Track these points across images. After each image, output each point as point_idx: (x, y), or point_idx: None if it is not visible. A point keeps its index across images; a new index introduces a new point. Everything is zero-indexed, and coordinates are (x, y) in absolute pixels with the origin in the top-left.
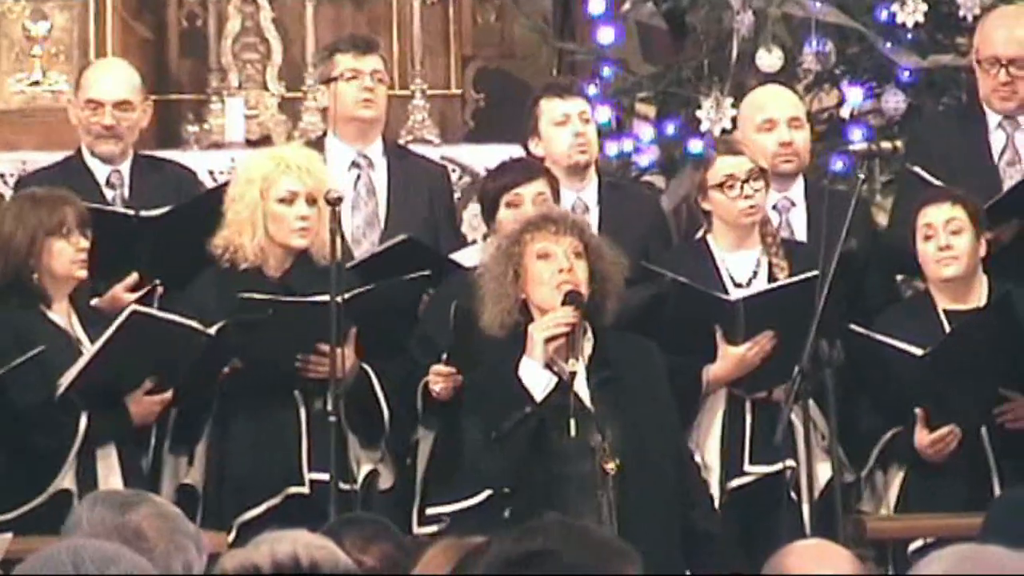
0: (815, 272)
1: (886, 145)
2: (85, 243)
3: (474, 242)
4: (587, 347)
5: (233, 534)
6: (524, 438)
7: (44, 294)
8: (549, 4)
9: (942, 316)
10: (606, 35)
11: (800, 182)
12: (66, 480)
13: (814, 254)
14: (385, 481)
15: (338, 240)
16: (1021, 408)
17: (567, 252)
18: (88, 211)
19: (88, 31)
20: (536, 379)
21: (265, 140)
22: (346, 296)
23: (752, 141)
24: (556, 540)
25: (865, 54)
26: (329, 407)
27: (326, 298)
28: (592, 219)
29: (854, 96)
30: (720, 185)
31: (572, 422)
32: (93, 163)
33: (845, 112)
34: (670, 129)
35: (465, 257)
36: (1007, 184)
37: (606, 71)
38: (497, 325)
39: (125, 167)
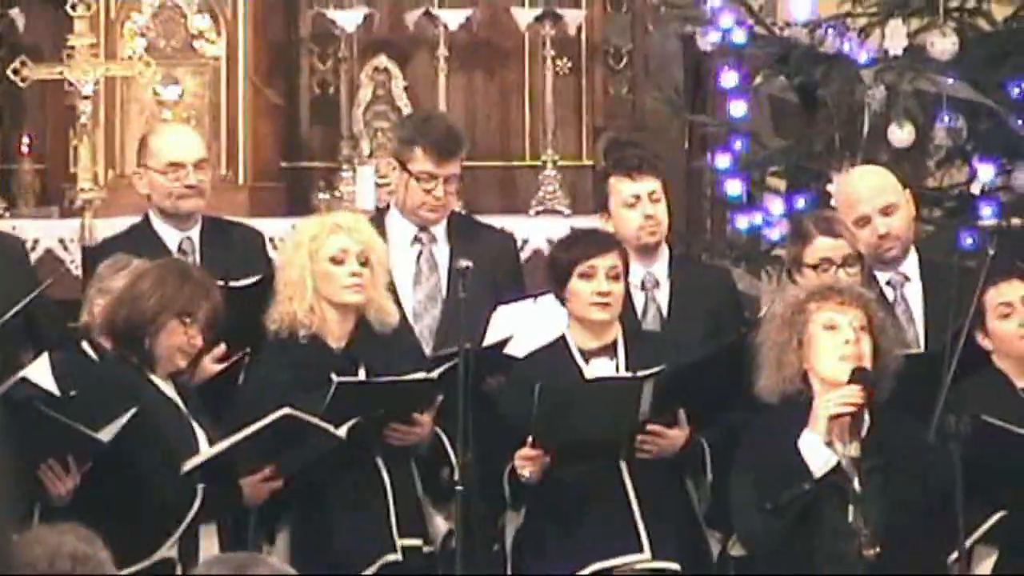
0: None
1: (1016, 222)
2: (200, 341)
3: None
4: (863, 426)
5: None
6: (796, 512)
7: (150, 359)
8: (681, 76)
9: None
10: (738, 108)
11: (913, 256)
12: (171, 549)
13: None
14: (454, 541)
15: (462, 310)
16: None
17: (853, 324)
18: (222, 313)
19: (220, 96)
20: (816, 455)
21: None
22: (440, 370)
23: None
24: None
25: (996, 130)
26: (456, 476)
27: (426, 375)
28: (663, 294)
29: (984, 172)
30: (815, 267)
31: (851, 508)
32: (163, 230)
33: (975, 188)
34: (800, 203)
35: (544, 304)
36: None
37: (737, 144)
38: (773, 392)
39: (195, 233)
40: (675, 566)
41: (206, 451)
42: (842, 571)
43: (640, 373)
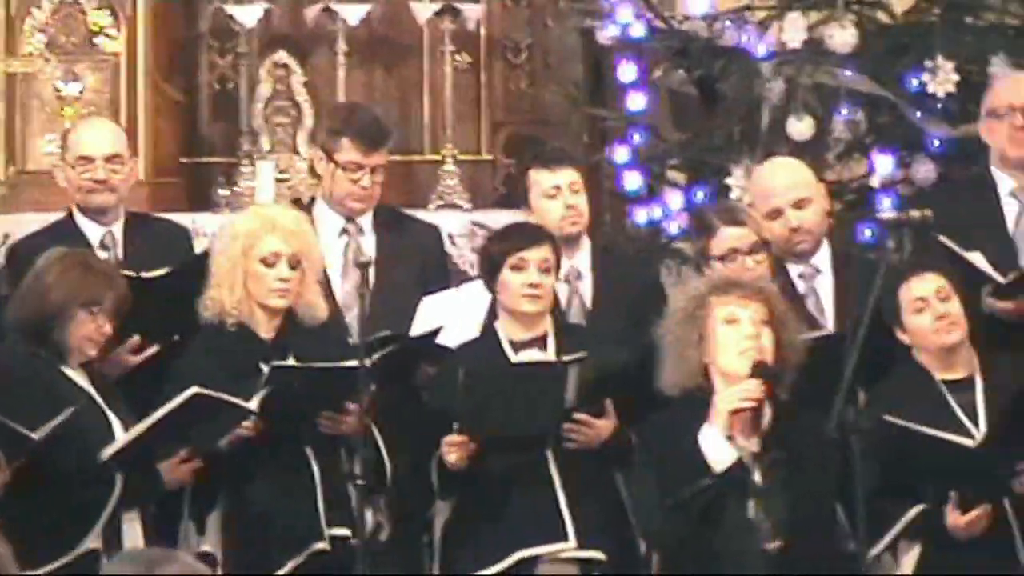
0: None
1: (915, 214)
2: (108, 329)
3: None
4: (764, 420)
5: None
6: (699, 508)
7: (61, 352)
8: (580, 71)
9: (943, 388)
10: (637, 102)
11: (825, 249)
12: (94, 540)
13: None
14: (384, 534)
15: (366, 303)
16: None
17: (754, 318)
18: (128, 299)
19: (119, 92)
20: (717, 451)
21: (296, 203)
22: (374, 359)
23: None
24: None
25: (895, 123)
26: (357, 470)
27: (355, 363)
28: (586, 286)
29: (884, 165)
30: (722, 258)
31: (752, 503)
32: (85, 225)
33: (875, 181)
34: (700, 196)
35: (468, 293)
36: (1022, 255)
37: (636, 138)
38: (675, 386)
39: (118, 228)
40: (600, 556)
41: (121, 438)
42: (745, 566)
43: (564, 358)
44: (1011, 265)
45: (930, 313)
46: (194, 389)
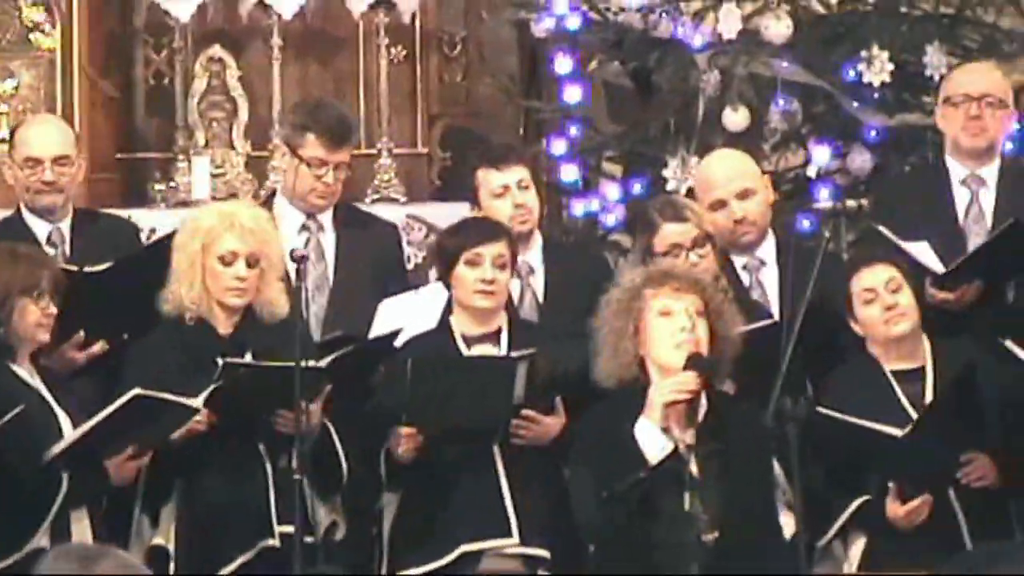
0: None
1: (852, 204)
2: (53, 309)
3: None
4: (700, 412)
5: None
6: (634, 500)
7: (9, 348)
8: (516, 63)
9: (891, 378)
10: (572, 94)
11: (770, 240)
12: (42, 539)
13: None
14: (341, 533)
15: (303, 297)
16: (981, 467)
17: (688, 310)
18: (63, 276)
19: (55, 89)
20: (652, 443)
21: (232, 199)
22: (329, 359)
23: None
24: None
25: (831, 113)
26: (294, 464)
27: (309, 363)
28: (538, 281)
29: (820, 155)
30: (665, 254)
31: (688, 495)
32: (33, 222)
33: (811, 171)
34: (637, 188)
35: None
36: (972, 242)
37: (572, 130)
38: (611, 378)
39: (65, 225)
40: (544, 553)
41: (65, 438)
42: (682, 558)
43: (514, 354)
44: (961, 254)
45: (879, 304)
46: (136, 391)
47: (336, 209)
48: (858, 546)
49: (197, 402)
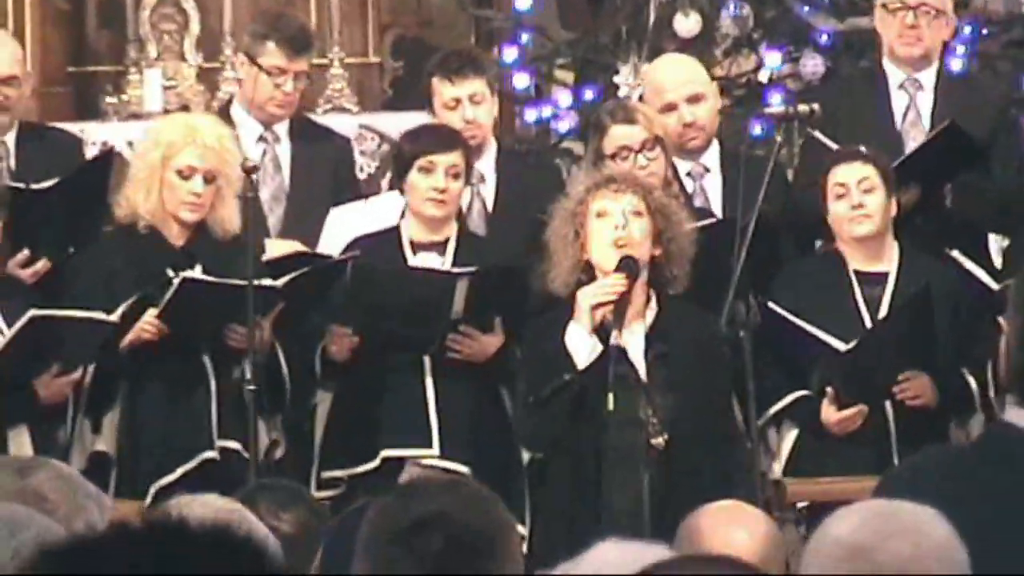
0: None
1: (804, 108)
2: None
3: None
4: (649, 316)
5: (149, 500)
6: (565, 405)
7: None
8: None
9: (853, 278)
10: (524, 2)
11: (715, 148)
12: None
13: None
14: (280, 451)
15: (255, 208)
16: (919, 386)
17: (624, 211)
18: (7, 192)
19: (6, 3)
20: (580, 346)
21: (184, 111)
22: (284, 280)
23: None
24: (441, 500)
25: (783, 18)
26: (248, 376)
27: (263, 282)
28: (489, 189)
29: (772, 60)
30: (613, 156)
31: (611, 396)
32: None
33: (763, 76)
34: (588, 95)
35: (378, 204)
36: (909, 146)
37: (524, 38)
38: (563, 285)
39: (10, 138)
40: (464, 468)
41: None
42: (631, 462)
43: (455, 269)
44: (897, 156)
45: (847, 201)
46: (31, 313)
47: (292, 121)
48: (789, 440)
49: (113, 317)
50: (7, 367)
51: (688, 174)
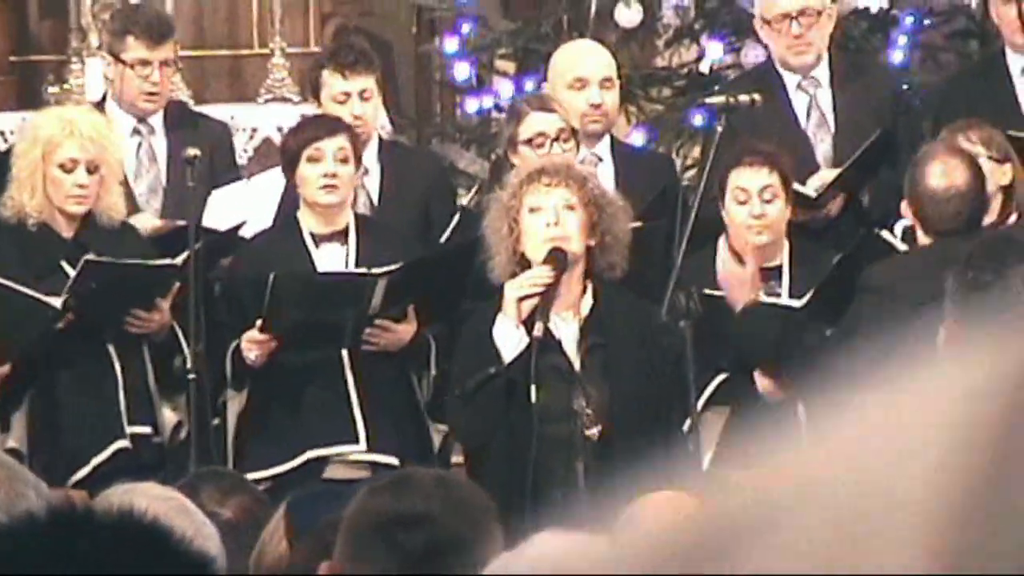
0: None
1: (745, 99)
2: None
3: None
4: (585, 307)
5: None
6: (494, 398)
7: None
8: None
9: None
10: None
11: (607, 139)
12: None
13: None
14: (184, 433)
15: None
16: None
17: (557, 206)
18: None
19: None
20: (507, 339)
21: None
22: (182, 257)
23: (563, 99)
24: (432, 501)
25: (724, 8)
26: (188, 364)
27: (177, 261)
28: (373, 180)
29: (714, 51)
30: (529, 141)
31: (534, 388)
32: None
33: (705, 67)
34: (529, 85)
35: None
36: (819, 148)
37: (465, 27)
38: (500, 276)
39: None
40: (392, 460)
41: None
42: (566, 453)
43: (376, 270)
44: (808, 159)
45: (748, 209)
46: None
47: (166, 111)
48: (717, 426)
49: (56, 302)
50: None
51: (581, 162)
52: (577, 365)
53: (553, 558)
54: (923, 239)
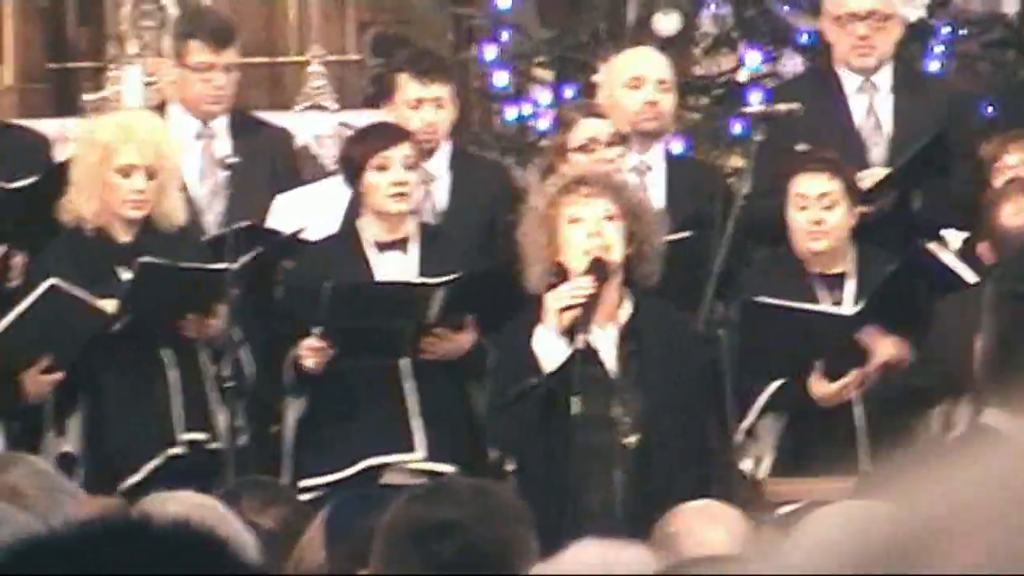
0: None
1: (783, 107)
2: None
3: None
4: (623, 315)
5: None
6: (533, 408)
7: None
8: None
9: (813, 280)
10: (503, 0)
11: (660, 147)
12: None
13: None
14: (244, 439)
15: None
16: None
17: (597, 216)
18: None
19: None
20: (548, 349)
21: (163, 107)
22: (240, 263)
23: (615, 103)
24: (466, 509)
25: (763, 17)
26: (226, 372)
27: (234, 266)
28: (442, 188)
29: (752, 59)
30: (581, 148)
31: (576, 400)
32: None
33: (743, 76)
34: (568, 93)
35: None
36: (873, 151)
37: (504, 36)
38: (538, 287)
39: None
40: (449, 468)
41: None
42: (604, 462)
43: (434, 280)
44: (860, 161)
45: (807, 216)
46: (52, 281)
47: (230, 117)
48: (773, 439)
49: (110, 306)
50: (8, 343)
51: (633, 169)
52: (615, 374)
53: (591, 568)
54: None
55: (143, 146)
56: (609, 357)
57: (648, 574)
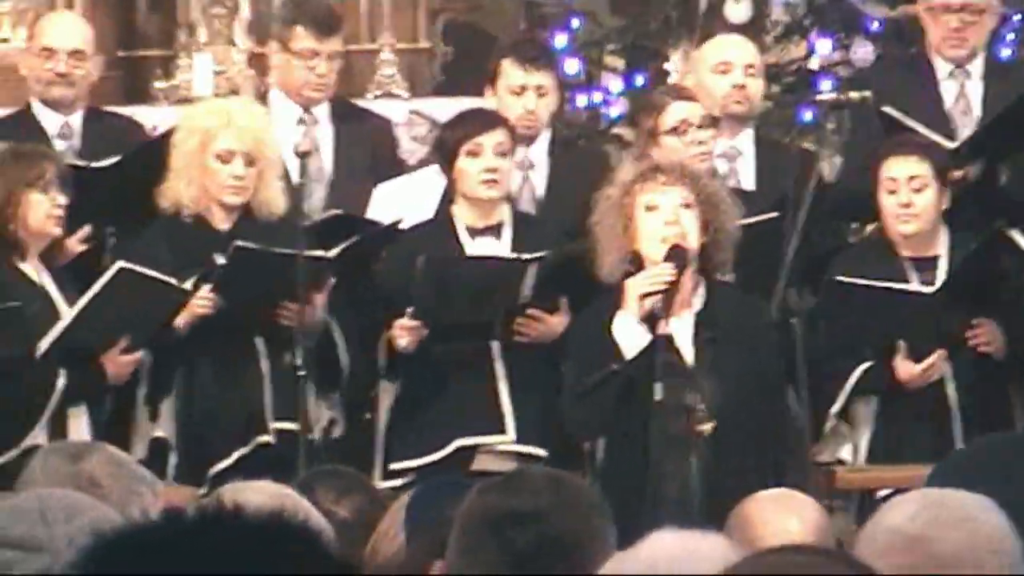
0: None
1: (854, 95)
2: (63, 200)
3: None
4: (697, 302)
5: (206, 487)
6: (612, 394)
7: (18, 246)
8: None
9: (904, 263)
10: None
11: (749, 132)
12: (39, 436)
13: None
14: (339, 430)
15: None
16: (990, 331)
17: (675, 203)
18: (69, 169)
19: None
20: (628, 336)
21: (233, 95)
22: (337, 250)
23: (703, 88)
24: (542, 498)
25: (833, 5)
26: (298, 362)
27: (330, 254)
28: (540, 176)
29: (823, 47)
30: (674, 130)
31: (658, 386)
32: (44, 115)
33: (814, 63)
34: (639, 81)
35: (421, 179)
36: (962, 134)
37: (575, 23)
38: (612, 274)
39: (76, 119)
40: (540, 451)
41: (56, 327)
42: (680, 449)
43: (525, 256)
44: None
45: (896, 199)
46: (120, 264)
47: (332, 104)
48: (865, 438)
49: (187, 285)
50: (85, 326)
51: (722, 155)
52: (691, 361)
53: (669, 557)
54: None
55: (242, 132)
56: (685, 345)
57: (725, 567)
